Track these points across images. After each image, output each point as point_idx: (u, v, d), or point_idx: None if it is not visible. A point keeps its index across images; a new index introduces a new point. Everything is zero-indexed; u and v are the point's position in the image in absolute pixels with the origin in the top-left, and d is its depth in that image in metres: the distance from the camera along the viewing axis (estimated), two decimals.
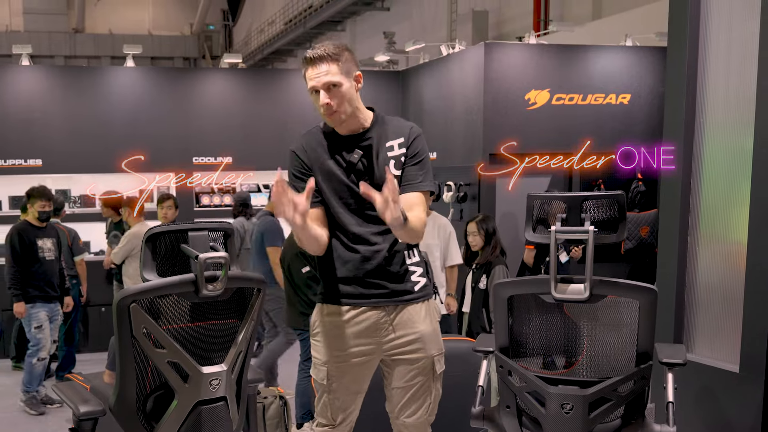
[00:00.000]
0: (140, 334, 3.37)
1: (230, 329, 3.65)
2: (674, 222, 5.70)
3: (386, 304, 4.02)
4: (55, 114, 12.80)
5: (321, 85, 3.89)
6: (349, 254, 4.01)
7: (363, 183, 3.64)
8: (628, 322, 3.78)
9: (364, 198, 3.70)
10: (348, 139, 4.04)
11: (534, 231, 4.05)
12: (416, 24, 27.28)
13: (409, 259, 4.07)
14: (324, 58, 3.90)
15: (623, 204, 3.89)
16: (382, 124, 4.08)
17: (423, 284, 4.11)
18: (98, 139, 12.85)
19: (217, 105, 13.57)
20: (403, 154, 4.04)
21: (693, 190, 5.65)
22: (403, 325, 4.03)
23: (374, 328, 4.02)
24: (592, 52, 11.85)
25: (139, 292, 3.37)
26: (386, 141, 4.04)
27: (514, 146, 11.13)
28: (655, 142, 11.48)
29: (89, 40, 47.63)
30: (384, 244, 3.99)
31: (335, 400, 4.14)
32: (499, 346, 4.01)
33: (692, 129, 5.60)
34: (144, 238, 3.48)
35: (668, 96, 5.81)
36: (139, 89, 13.25)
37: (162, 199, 9.86)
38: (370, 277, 4.00)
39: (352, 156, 4.01)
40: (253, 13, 46.92)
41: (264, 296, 3.73)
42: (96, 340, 11.07)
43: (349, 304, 4.03)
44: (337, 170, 4.01)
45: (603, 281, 3.74)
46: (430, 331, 4.08)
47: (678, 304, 5.69)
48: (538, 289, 3.87)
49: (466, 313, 8.00)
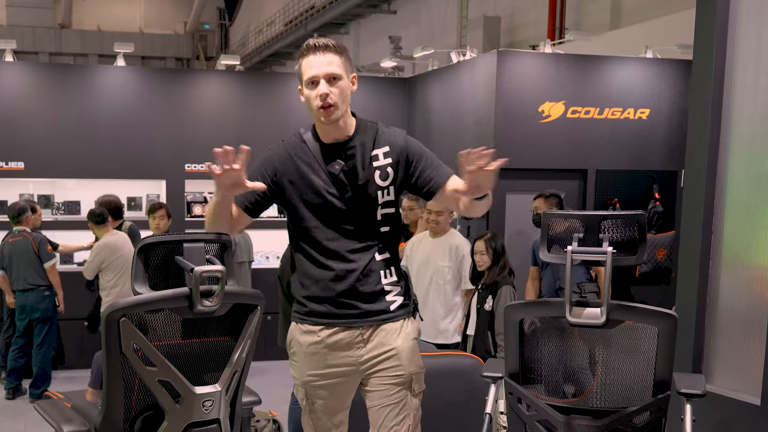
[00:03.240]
0: (130, 351, 3.36)
1: (225, 347, 3.65)
2: (695, 244, 5.71)
3: (360, 324, 4.05)
4: (39, 114, 12.73)
5: (324, 74, 3.91)
6: (319, 272, 4.04)
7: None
8: (645, 349, 3.79)
9: (343, 212, 3.86)
10: (331, 148, 4.06)
11: (549, 251, 4.05)
12: (424, 29, 27.31)
13: (386, 279, 4.09)
14: (329, 47, 3.95)
15: (643, 224, 3.90)
16: (365, 131, 4.11)
17: (400, 303, 4.13)
18: (84, 142, 12.77)
19: (212, 109, 13.50)
20: (389, 164, 4.06)
21: (716, 211, 5.65)
22: (379, 342, 4.06)
23: (349, 348, 4.06)
24: (610, 64, 11.85)
25: (129, 306, 3.36)
26: (371, 150, 4.07)
27: (526, 160, 11.13)
28: (675, 160, 11.50)
29: (76, 36, 47.75)
30: (359, 262, 4.01)
31: (317, 420, 4.19)
32: (509, 372, 4.02)
33: (717, 148, 5.61)
34: (136, 250, 3.48)
35: (692, 113, 5.82)
36: (129, 90, 13.17)
37: (153, 208, 9.75)
38: (342, 296, 4.02)
39: (333, 166, 4.03)
40: (251, 12, 47.03)
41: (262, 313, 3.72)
42: (77, 356, 11.04)
43: (322, 324, 4.06)
44: (317, 181, 4.03)
45: (620, 305, 3.75)
46: (407, 347, 4.09)
47: (698, 331, 5.70)
48: (552, 312, 3.88)
49: (471, 335, 8.00)
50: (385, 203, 4.07)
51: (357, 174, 4.02)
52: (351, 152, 4.04)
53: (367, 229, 4.04)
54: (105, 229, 9.38)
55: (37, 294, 9.71)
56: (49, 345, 9.95)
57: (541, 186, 10.94)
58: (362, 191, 4.01)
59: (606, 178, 11.63)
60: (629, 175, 11.69)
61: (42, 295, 9.69)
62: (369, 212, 4.04)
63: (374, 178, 4.02)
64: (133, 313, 3.37)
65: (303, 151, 4.09)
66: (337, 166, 4.01)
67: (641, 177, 11.70)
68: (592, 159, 11.58)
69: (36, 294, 9.70)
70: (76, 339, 11.12)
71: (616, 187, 11.68)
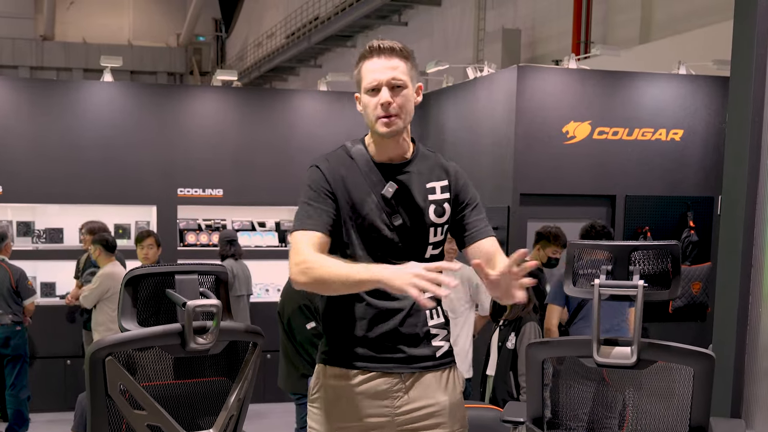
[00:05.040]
0: (116, 393, 3.33)
1: (221, 389, 3.62)
2: (734, 278, 5.68)
3: (402, 371, 3.89)
4: (19, 134, 12.67)
5: (388, 80, 3.77)
6: (363, 309, 3.87)
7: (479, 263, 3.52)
8: (679, 392, 3.77)
9: (390, 242, 3.74)
10: (384, 168, 3.93)
11: (575, 284, 4.04)
12: (438, 42, 27.38)
13: (432, 320, 3.95)
14: (395, 51, 3.81)
15: (678, 256, 3.88)
16: (423, 159, 4.00)
17: (446, 350, 4.00)
18: (68, 165, 12.69)
19: (207, 129, 13.45)
20: (447, 199, 3.96)
21: (756, 242, 5.63)
22: (421, 394, 3.90)
23: (385, 397, 3.89)
24: (640, 80, 11.86)
25: (116, 344, 3.33)
26: (428, 180, 3.96)
27: (548, 185, 11.13)
28: (711, 185, 11.48)
29: (59, 49, 47.89)
30: (406, 300, 3.83)
31: None
32: (532, 417, 4.00)
33: (757, 172, 5.59)
34: (123, 282, 3.46)
35: (730, 135, 5.81)
36: (117, 108, 13.11)
37: (141, 236, 9.77)
38: (384, 338, 3.87)
39: (386, 189, 3.88)
40: (250, 23, 47.19)
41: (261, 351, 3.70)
42: (60, 398, 11.03)
43: (358, 368, 3.90)
44: (368, 202, 3.88)
45: (653, 344, 3.73)
46: (453, 402, 3.97)
47: (737, 372, 5.67)
48: (578, 351, 3.86)
49: (491, 376, 7.97)
50: (435, 243, 3.97)
51: (411, 202, 3.91)
52: (406, 177, 3.92)
53: None
54: (111, 258, 9.42)
55: (7, 330, 9.67)
56: (22, 385, 9.91)
57: (564, 213, 10.93)
58: (414, 223, 3.90)
59: (636, 204, 11.62)
60: (661, 201, 11.69)
61: (13, 330, 9.67)
62: (418, 248, 3.91)
63: (429, 213, 3.91)
64: (120, 352, 3.34)
65: (351, 168, 3.93)
66: (390, 189, 3.87)
67: (674, 203, 11.69)
68: (621, 184, 11.58)
69: (6, 330, 9.67)
70: (58, 379, 11.11)
71: (646, 215, 11.66)
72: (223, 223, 13.55)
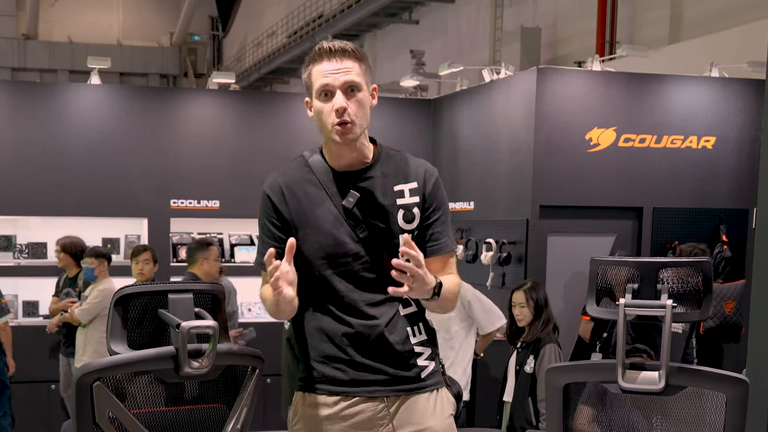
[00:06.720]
0: (104, 421, 3.33)
1: (217, 416, 3.62)
2: None
3: (386, 394, 3.89)
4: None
5: (341, 84, 3.78)
6: (338, 327, 3.88)
7: (406, 238, 3.56)
8: (711, 419, 3.76)
9: (358, 256, 3.77)
10: (343, 176, 3.93)
11: (598, 304, 4.02)
12: (451, 42, 27.34)
13: (414, 337, 3.95)
14: (347, 52, 3.81)
15: (709, 273, 3.87)
16: (387, 160, 3.99)
17: (432, 370, 4.00)
18: (52, 174, 12.62)
19: (202, 135, 13.39)
20: (416, 203, 3.93)
21: None
22: (408, 419, 3.91)
23: (370, 425, 3.89)
24: (669, 84, 11.84)
25: (105, 368, 3.33)
26: (395, 183, 3.95)
27: (570, 196, 11.12)
28: (745, 197, 11.46)
29: (43, 48, 47.90)
30: (381, 318, 3.86)
31: None
32: None
33: None
34: (113, 301, 3.45)
35: (765, 141, 5.81)
36: (105, 112, 13.03)
37: (137, 251, 9.74)
38: (363, 359, 3.87)
39: (347, 200, 3.88)
40: (249, 21, 47.16)
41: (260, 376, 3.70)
42: (41, 426, 11.02)
43: (338, 393, 3.89)
44: (326, 216, 3.89)
45: (682, 369, 3.73)
46: (443, 427, 3.97)
47: None
48: (602, 376, 3.86)
49: (508, 402, 7.98)
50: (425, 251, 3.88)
51: (377, 210, 3.90)
52: (368, 183, 3.91)
53: (387, 278, 3.65)
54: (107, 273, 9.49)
55: None
56: (2, 411, 9.90)
57: (587, 227, 10.91)
58: (382, 232, 3.89)
59: (664, 217, 11.60)
60: (692, 214, 11.67)
61: None
62: (390, 258, 3.72)
63: (398, 218, 3.90)
64: (109, 377, 3.34)
65: (309, 180, 3.96)
66: (351, 199, 3.86)
67: (706, 216, 11.67)
68: (649, 195, 11.56)
69: None
70: (40, 404, 11.10)
71: (676, 229, 11.63)
72: (220, 237, 13.46)
